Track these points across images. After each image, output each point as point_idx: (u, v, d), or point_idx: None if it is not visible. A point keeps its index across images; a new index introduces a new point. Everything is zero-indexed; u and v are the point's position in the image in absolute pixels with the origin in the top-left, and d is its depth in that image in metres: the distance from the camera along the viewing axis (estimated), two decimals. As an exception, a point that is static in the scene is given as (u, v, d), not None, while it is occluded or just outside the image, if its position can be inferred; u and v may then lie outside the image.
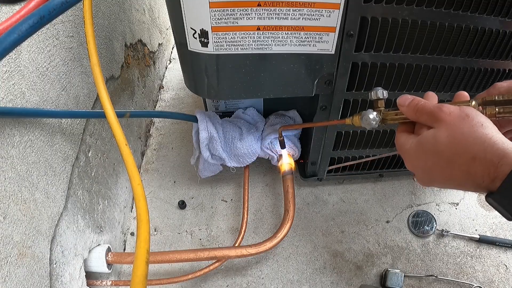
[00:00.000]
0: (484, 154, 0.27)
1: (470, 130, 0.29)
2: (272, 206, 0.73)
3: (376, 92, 0.39)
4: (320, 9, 0.41)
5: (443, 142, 0.30)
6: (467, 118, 0.30)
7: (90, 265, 0.52)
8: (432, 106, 0.33)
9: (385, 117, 0.39)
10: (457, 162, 0.29)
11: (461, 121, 0.30)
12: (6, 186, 0.36)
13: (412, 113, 0.35)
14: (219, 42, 0.43)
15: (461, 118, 0.30)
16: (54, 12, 0.30)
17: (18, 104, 0.38)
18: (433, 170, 0.32)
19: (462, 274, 0.62)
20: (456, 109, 0.31)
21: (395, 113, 0.38)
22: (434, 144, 0.31)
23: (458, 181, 0.30)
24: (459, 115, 0.30)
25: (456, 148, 0.29)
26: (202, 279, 0.62)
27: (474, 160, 0.28)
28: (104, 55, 0.62)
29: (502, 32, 0.47)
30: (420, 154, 0.33)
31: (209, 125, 0.61)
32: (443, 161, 0.31)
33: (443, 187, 0.33)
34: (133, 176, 0.34)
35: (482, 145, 0.28)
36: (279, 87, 0.50)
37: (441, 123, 0.31)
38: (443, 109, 0.32)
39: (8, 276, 0.35)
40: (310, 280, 0.62)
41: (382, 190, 0.75)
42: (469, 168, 0.28)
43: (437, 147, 0.31)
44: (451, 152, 0.30)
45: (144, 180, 0.78)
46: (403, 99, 0.36)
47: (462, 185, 0.30)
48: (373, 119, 0.38)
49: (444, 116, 0.31)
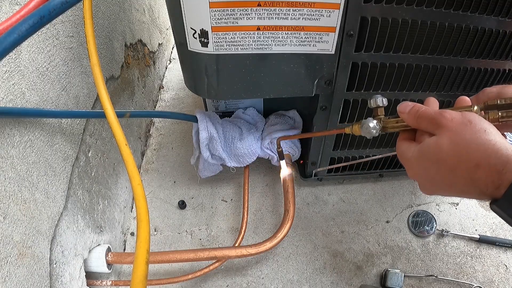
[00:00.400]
0: (487, 161, 0.27)
1: (473, 136, 0.28)
2: (272, 206, 0.73)
3: (376, 100, 0.38)
4: (320, 9, 0.41)
5: (445, 150, 0.29)
6: (470, 124, 0.29)
7: (90, 265, 0.52)
8: (434, 112, 0.32)
9: (386, 125, 0.38)
10: (460, 170, 0.29)
11: (464, 128, 0.29)
12: (6, 186, 0.36)
13: (413, 120, 0.34)
14: (219, 42, 0.43)
15: (463, 125, 0.29)
16: (54, 12, 0.30)
17: (18, 104, 0.38)
18: (436, 178, 0.31)
19: (462, 274, 0.62)
20: (458, 115, 0.30)
21: (395, 120, 0.37)
22: (436, 152, 0.30)
23: (462, 188, 0.29)
24: (462, 121, 0.29)
25: (459, 156, 0.29)
26: (202, 279, 0.62)
27: (477, 168, 0.27)
28: (104, 55, 0.62)
29: (502, 32, 0.47)
30: (422, 162, 0.32)
31: (209, 125, 0.61)
32: (446, 169, 0.30)
33: (446, 195, 0.33)
34: (133, 176, 0.34)
35: (486, 152, 0.27)
36: (279, 87, 0.50)
37: (443, 130, 0.30)
38: (445, 115, 0.31)
39: (8, 276, 0.35)
40: (310, 280, 0.62)
41: (382, 190, 0.75)
42: (473, 175, 0.28)
43: (439, 154, 0.30)
44: (454, 160, 0.29)
45: (144, 180, 0.78)
46: (404, 106, 0.35)
47: (466, 192, 0.30)
48: (373, 127, 0.37)
49: (446, 122, 0.30)
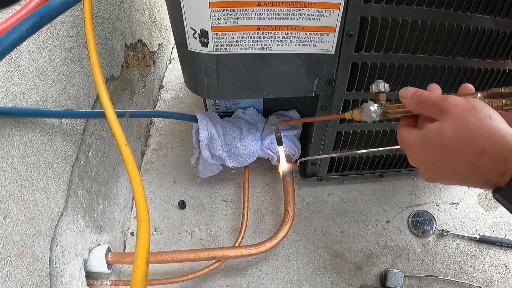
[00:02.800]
0: (492, 148, 0.26)
1: (477, 122, 0.27)
2: (272, 206, 0.73)
3: (378, 85, 0.37)
4: (320, 9, 0.41)
5: (449, 135, 0.29)
6: (474, 110, 0.28)
7: (90, 265, 0.52)
8: (437, 97, 0.31)
9: (387, 110, 0.37)
10: (464, 156, 0.28)
11: (468, 113, 0.28)
12: (6, 186, 0.36)
13: (415, 105, 0.33)
14: (219, 42, 0.43)
15: (467, 110, 0.28)
16: (54, 12, 0.30)
17: (18, 104, 0.38)
18: (438, 164, 0.30)
19: (462, 274, 0.62)
20: (462, 100, 0.29)
21: (397, 106, 0.36)
22: (439, 138, 0.29)
23: (464, 176, 0.29)
24: (466, 107, 0.29)
25: (462, 142, 0.28)
26: (202, 279, 0.62)
27: (482, 154, 0.27)
28: (104, 55, 0.62)
29: (502, 32, 0.47)
30: (424, 148, 0.31)
31: (209, 125, 0.61)
32: (449, 155, 0.29)
33: (448, 183, 0.32)
34: (133, 176, 0.34)
35: (491, 139, 0.26)
36: (279, 87, 0.50)
37: (447, 115, 0.29)
38: (448, 100, 0.30)
39: (8, 276, 0.35)
40: (310, 280, 0.62)
41: (382, 190, 0.75)
42: (476, 162, 0.27)
43: (442, 140, 0.29)
44: (458, 146, 0.28)
45: (144, 180, 0.78)
46: (406, 91, 0.34)
47: (468, 180, 0.29)
48: (374, 111, 0.36)
49: (450, 107, 0.29)
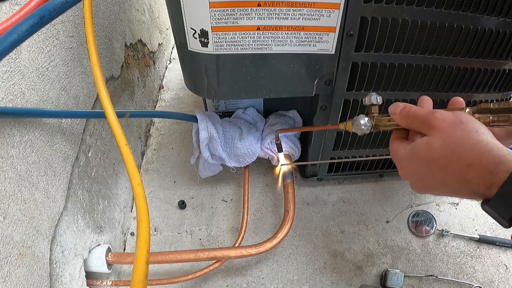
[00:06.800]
0: (479, 161, 0.27)
1: (464, 136, 0.28)
2: (272, 206, 0.73)
3: (370, 98, 0.38)
4: (320, 9, 0.41)
5: (437, 150, 0.29)
6: (461, 125, 0.29)
7: (90, 265, 0.52)
8: (425, 113, 0.32)
9: (378, 123, 0.38)
10: (452, 170, 0.29)
11: (455, 128, 0.29)
12: (6, 186, 0.36)
13: (404, 120, 0.34)
14: (219, 42, 0.43)
15: (455, 125, 0.29)
16: (54, 12, 0.30)
17: (18, 104, 0.38)
18: (427, 178, 0.31)
19: (462, 274, 0.62)
20: (449, 115, 0.30)
21: (387, 119, 0.37)
22: (427, 152, 0.30)
23: (453, 188, 0.30)
24: (453, 122, 0.30)
25: (450, 156, 0.29)
26: (202, 279, 0.62)
27: (469, 168, 0.27)
28: (104, 55, 0.62)
29: (502, 32, 0.47)
30: (413, 162, 0.32)
31: (209, 125, 0.61)
32: (437, 168, 0.30)
33: (438, 195, 0.33)
34: (133, 176, 0.34)
35: (478, 152, 0.27)
36: (279, 87, 0.50)
37: (434, 130, 0.30)
38: (436, 115, 0.31)
39: (8, 276, 0.35)
40: (310, 280, 0.62)
41: (382, 190, 0.75)
42: (464, 175, 0.28)
43: (430, 154, 0.30)
44: (446, 160, 0.29)
45: (144, 180, 0.78)
46: (395, 107, 0.35)
47: (457, 192, 0.30)
48: (364, 124, 0.38)
49: (438, 123, 0.30)
